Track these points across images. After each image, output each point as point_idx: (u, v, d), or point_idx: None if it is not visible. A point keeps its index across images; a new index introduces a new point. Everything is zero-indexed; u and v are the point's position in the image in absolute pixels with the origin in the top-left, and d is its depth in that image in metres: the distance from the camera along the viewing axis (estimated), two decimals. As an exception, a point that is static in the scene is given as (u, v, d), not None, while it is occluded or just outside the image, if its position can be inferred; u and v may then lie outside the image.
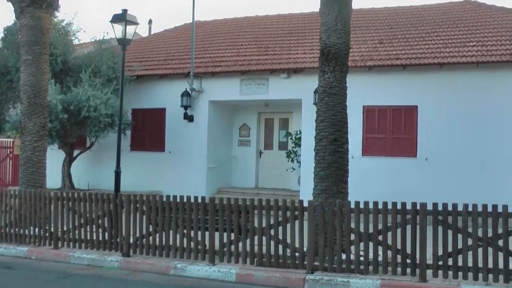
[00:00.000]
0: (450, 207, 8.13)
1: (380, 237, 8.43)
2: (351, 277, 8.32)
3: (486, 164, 13.75)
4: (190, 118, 17.11)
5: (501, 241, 7.84)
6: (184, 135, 17.19)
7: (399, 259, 8.30)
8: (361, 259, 8.48)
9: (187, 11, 52.38)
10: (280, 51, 17.01)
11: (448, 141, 14.12)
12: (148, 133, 17.70)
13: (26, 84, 12.13)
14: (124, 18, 11.39)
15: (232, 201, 9.28)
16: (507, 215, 7.90)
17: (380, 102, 14.84)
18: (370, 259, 8.46)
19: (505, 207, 7.91)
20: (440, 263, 8.11)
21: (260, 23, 20.42)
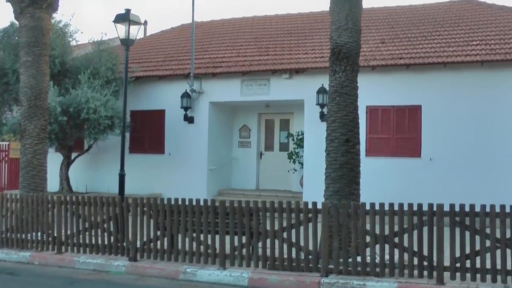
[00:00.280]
0: (467, 208, 8.00)
1: (396, 239, 8.28)
2: (367, 280, 8.16)
3: (491, 163, 13.65)
4: (190, 120, 16.90)
5: (520, 242, 7.74)
6: (184, 137, 16.98)
7: (415, 262, 8.16)
8: (376, 261, 8.34)
9: (181, 12, 52.17)
10: (281, 52, 16.84)
11: (452, 141, 14.01)
12: (147, 135, 17.46)
13: (26, 86, 11.87)
14: (127, 18, 11.18)
15: (243, 204, 9.09)
16: (526, 215, 7.78)
17: (384, 102, 14.71)
18: (386, 261, 8.30)
19: (524, 207, 7.80)
20: (458, 265, 7.97)
21: (258, 24, 20.26)
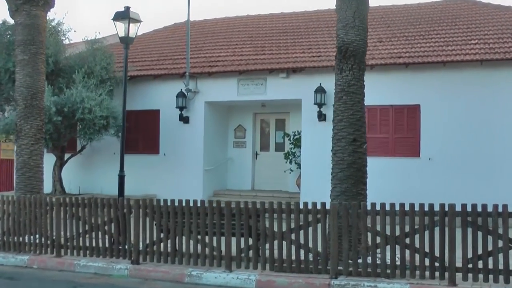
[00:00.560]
0: (479, 208, 7.90)
1: (407, 240, 8.17)
2: (378, 281, 8.05)
3: (491, 163, 13.61)
4: (185, 120, 16.69)
5: (533, 242, 7.66)
6: (179, 137, 16.75)
7: (427, 262, 8.05)
8: (387, 262, 8.21)
9: (173, 11, 51.65)
10: (277, 51, 16.70)
11: (452, 141, 13.95)
12: (141, 135, 17.21)
13: (22, 85, 11.59)
14: (127, 15, 10.93)
15: (250, 205, 8.92)
16: (539, 215, 7.71)
17: (382, 101, 14.60)
18: (397, 262, 8.19)
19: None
20: (470, 266, 7.88)
21: (252, 23, 20.10)
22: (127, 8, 11.08)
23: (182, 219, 9.27)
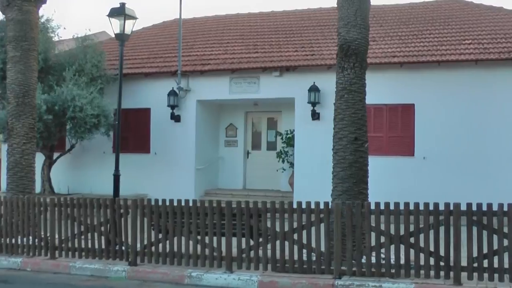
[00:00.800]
0: (484, 207, 7.86)
1: (412, 239, 8.10)
2: (382, 281, 7.96)
3: (485, 162, 13.63)
4: (177, 118, 16.49)
5: (539, 241, 7.64)
6: (171, 136, 16.55)
7: (432, 262, 7.99)
8: (391, 262, 8.14)
9: (159, 8, 51.20)
10: (269, 49, 16.56)
11: (446, 140, 13.95)
12: (132, 134, 16.96)
13: (13, 82, 11.32)
14: (122, 12, 10.73)
15: (251, 204, 8.79)
16: (545, 214, 7.69)
17: (376, 100, 14.40)
18: (401, 262, 8.11)
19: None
20: (475, 265, 7.84)
21: (243, 21, 19.94)
22: (123, 5, 10.87)
23: (181, 219, 9.10)
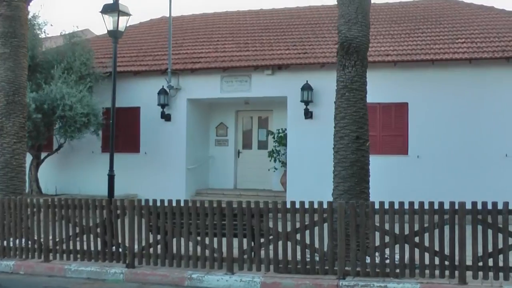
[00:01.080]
0: (489, 206, 7.82)
1: (416, 239, 8.03)
2: (387, 281, 7.88)
3: (478, 161, 13.66)
4: (167, 117, 16.27)
5: (544, 240, 7.61)
6: (161, 135, 16.32)
7: (436, 261, 7.92)
8: (396, 262, 8.06)
9: (147, 6, 50.83)
10: (261, 47, 16.42)
11: (440, 139, 13.95)
12: (121, 133, 16.54)
13: (3, 80, 11.03)
14: (116, 8, 10.49)
15: (253, 204, 8.64)
16: (550, 212, 7.67)
17: (369, 99, 14.02)
18: (406, 262, 8.03)
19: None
20: (480, 264, 7.79)
21: (232, 19, 19.76)
22: (116, 0, 10.62)
23: (181, 220, 8.92)
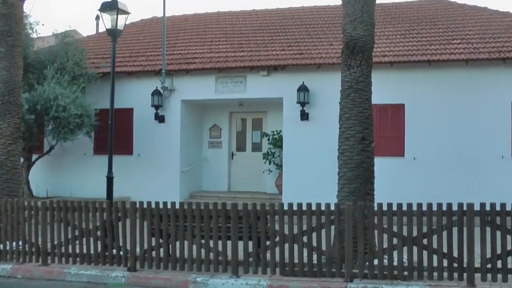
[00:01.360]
0: (498, 207, 7.78)
1: (425, 241, 7.96)
2: (395, 283, 7.82)
3: (475, 163, 13.65)
4: (161, 119, 16.07)
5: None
6: (155, 137, 16.12)
7: (445, 263, 7.87)
8: (404, 264, 7.99)
9: (135, 7, 50.51)
10: (255, 48, 16.29)
11: (436, 140, 13.93)
12: (114, 135, 16.27)
13: (-2, 80, 10.78)
14: (115, 6, 10.31)
15: (258, 207, 8.52)
16: (559, 213, 7.65)
17: None
18: (414, 264, 7.97)
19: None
20: (489, 266, 7.75)
21: (224, 19, 19.61)
22: (115, -2, 10.43)
23: (184, 223, 8.76)
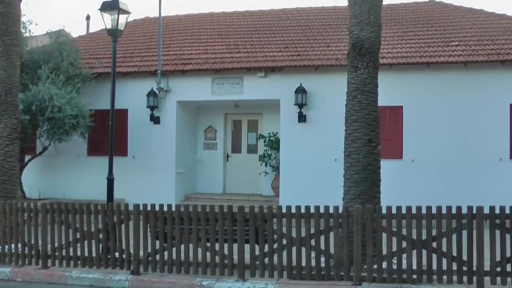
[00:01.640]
0: (507, 210, 7.76)
1: (434, 244, 7.91)
2: (404, 287, 7.74)
3: (473, 165, 13.67)
4: (156, 120, 15.89)
5: None
6: (150, 138, 15.95)
7: (454, 267, 7.82)
8: (413, 268, 7.93)
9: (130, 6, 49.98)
10: (252, 49, 16.18)
11: (434, 142, 13.93)
12: (108, 136, 16.09)
13: (-5, 79, 10.57)
14: (116, 6, 10.13)
15: (265, 209, 8.41)
16: None
17: None
18: (423, 267, 7.92)
19: None
20: (498, 269, 7.72)
21: (219, 20, 19.47)
22: (116, -3, 10.25)
23: (189, 226, 8.63)
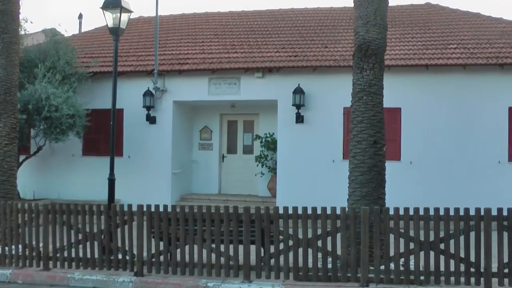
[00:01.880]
0: (514, 212, 7.78)
1: (442, 245, 7.91)
2: (412, 289, 7.75)
3: (471, 167, 13.72)
4: (152, 120, 15.77)
5: None
6: (146, 138, 15.82)
7: (462, 268, 7.83)
8: (420, 269, 7.92)
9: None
10: (249, 49, 16.11)
11: (433, 144, 13.96)
12: (103, 136, 15.98)
13: (-6, 78, 10.41)
14: (118, 4, 10.03)
15: (271, 210, 8.36)
16: None
17: None
18: (431, 269, 7.91)
19: None
20: (506, 271, 7.74)
21: (214, 20, 19.37)
22: (119, -4, 10.16)
23: (194, 227, 8.55)
